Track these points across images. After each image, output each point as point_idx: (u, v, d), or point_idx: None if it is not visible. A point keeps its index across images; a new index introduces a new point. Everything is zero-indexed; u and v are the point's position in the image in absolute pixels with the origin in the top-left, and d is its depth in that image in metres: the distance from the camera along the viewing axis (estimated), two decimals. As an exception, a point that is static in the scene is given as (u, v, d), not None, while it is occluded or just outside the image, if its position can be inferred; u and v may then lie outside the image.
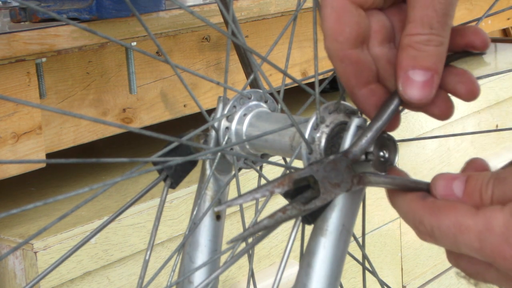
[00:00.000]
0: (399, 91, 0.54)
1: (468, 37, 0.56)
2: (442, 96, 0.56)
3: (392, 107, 0.55)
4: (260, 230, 0.53)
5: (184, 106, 1.31)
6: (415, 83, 0.54)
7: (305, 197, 0.54)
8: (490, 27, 2.03)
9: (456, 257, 0.53)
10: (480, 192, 0.51)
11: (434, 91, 0.54)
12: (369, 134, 0.55)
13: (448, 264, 1.74)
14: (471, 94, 0.55)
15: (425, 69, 0.53)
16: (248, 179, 1.26)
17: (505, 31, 2.36)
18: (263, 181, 0.60)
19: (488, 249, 0.49)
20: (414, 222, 0.53)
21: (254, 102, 0.64)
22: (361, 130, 0.56)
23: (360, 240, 0.68)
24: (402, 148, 1.61)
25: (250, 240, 0.61)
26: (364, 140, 0.55)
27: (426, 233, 0.52)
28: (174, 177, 0.61)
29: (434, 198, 0.53)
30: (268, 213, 0.53)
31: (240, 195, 0.53)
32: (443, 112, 0.56)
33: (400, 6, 0.56)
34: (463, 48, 0.56)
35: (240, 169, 0.65)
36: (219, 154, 0.64)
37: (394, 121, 0.56)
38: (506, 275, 0.51)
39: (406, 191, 0.54)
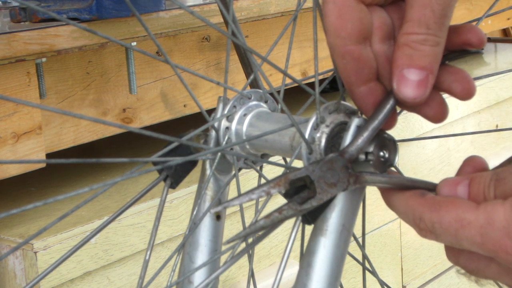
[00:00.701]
0: (393, 90, 0.54)
1: (464, 35, 0.56)
2: (437, 98, 0.56)
3: (388, 106, 0.55)
4: (257, 231, 0.53)
5: (184, 106, 1.31)
6: (410, 82, 0.54)
7: (302, 197, 0.54)
8: (490, 27, 2.03)
9: (456, 254, 0.53)
10: (484, 194, 0.51)
11: (428, 91, 0.54)
12: (365, 134, 0.55)
13: (448, 264, 1.75)
14: (466, 93, 0.55)
15: (420, 69, 0.53)
16: (248, 179, 1.26)
17: (505, 31, 2.36)
18: (263, 181, 0.60)
19: (489, 243, 0.49)
20: (414, 219, 0.53)
21: (254, 102, 0.64)
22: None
23: (360, 240, 0.68)
24: (402, 148, 1.61)
25: (250, 240, 0.61)
26: (360, 140, 0.55)
27: (427, 230, 0.52)
28: (174, 177, 0.61)
29: (433, 195, 0.53)
30: (267, 213, 0.54)
31: (237, 196, 0.53)
32: (437, 114, 0.56)
33: (399, 4, 0.56)
34: (459, 46, 0.56)
35: (240, 169, 0.65)
36: (219, 154, 0.64)
37: (390, 120, 0.56)
38: (507, 270, 0.51)
39: (402, 190, 0.55)
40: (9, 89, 1.05)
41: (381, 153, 0.56)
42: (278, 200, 0.75)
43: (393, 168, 0.57)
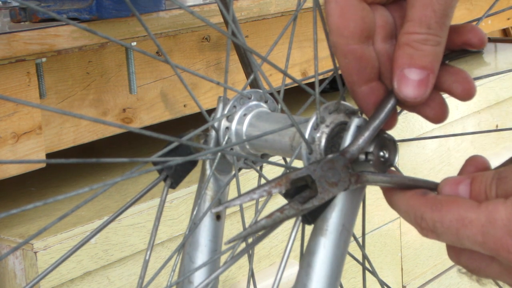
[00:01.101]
0: (394, 89, 0.54)
1: (465, 35, 0.56)
2: (437, 99, 0.56)
3: (389, 106, 0.55)
4: (258, 231, 0.53)
5: (184, 106, 1.31)
6: (410, 82, 0.54)
7: (303, 196, 0.54)
8: (490, 27, 2.03)
9: (457, 253, 0.53)
10: (485, 193, 0.51)
11: (429, 90, 0.54)
12: (366, 133, 0.55)
13: (448, 264, 1.74)
14: (467, 93, 0.55)
15: (421, 68, 0.53)
16: (248, 179, 1.26)
17: (505, 31, 2.36)
18: (263, 181, 0.60)
19: (491, 242, 0.49)
20: (415, 218, 0.53)
21: (254, 102, 0.64)
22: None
23: (360, 240, 0.68)
24: (402, 148, 1.61)
25: (250, 240, 0.61)
26: (361, 140, 0.55)
27: (428, 229, 0.52)
28: (174, 177, 0.61)
29: (435, 194, 0.53)
30: (268, 213, 0.54)
31: (238, 196, 0.53)
32: (438, 114, 0.56)
33: (401, 3, 0.56)
34: (460, 46, 0.56)
35: (240, 169, 0.65)
36: (219, 154, 0.64)
37: (391, 120, 0.56)
38: (509, 269, 0.51)
39: (404, 189, 0.55)
40: (9, 89, 1.05)
41: (381, 153, 0.56)
42: (278, 200, 0.75)
43: (393, 168, 0.57)
